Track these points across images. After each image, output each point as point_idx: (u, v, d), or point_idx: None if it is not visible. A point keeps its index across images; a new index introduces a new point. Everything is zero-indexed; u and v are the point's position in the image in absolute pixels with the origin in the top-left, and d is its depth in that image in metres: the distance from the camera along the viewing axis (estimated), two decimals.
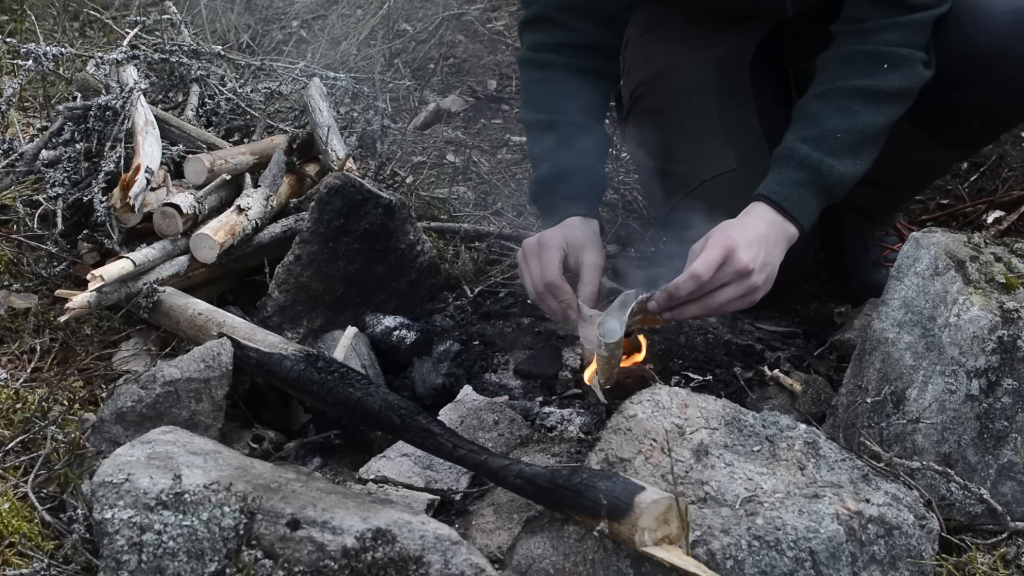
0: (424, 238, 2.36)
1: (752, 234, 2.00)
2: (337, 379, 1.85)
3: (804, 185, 2.07)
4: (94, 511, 1.53)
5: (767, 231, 2.02)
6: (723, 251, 1.97)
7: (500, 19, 4.08)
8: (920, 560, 1.60)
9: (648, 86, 2.50)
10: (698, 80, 2.41)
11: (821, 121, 2.10)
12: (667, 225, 2.45)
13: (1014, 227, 2.79)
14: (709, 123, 2.38)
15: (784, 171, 2.08)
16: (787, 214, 2.05)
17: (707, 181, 2.30)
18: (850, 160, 2.10)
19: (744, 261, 1.96)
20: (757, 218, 2.04)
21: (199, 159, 2.34)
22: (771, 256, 2.02)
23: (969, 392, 1.79)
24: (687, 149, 2.38)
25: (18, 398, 1.93)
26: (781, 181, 2.08)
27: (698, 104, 2.40)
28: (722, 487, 1.64)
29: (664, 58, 2.48)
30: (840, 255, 2.63)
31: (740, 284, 1.99)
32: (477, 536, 1.72)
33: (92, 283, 2.04)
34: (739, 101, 2.38)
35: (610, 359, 1.94)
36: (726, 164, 2.30)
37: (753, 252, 1.99)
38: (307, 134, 2.59)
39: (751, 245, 1.99)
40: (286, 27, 3.82)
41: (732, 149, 2.32)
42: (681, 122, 2.42)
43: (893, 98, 2.13)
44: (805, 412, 2.08)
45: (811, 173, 2.07)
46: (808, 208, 2.07)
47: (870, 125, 2.11)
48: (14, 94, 2.51)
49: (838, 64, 2.15)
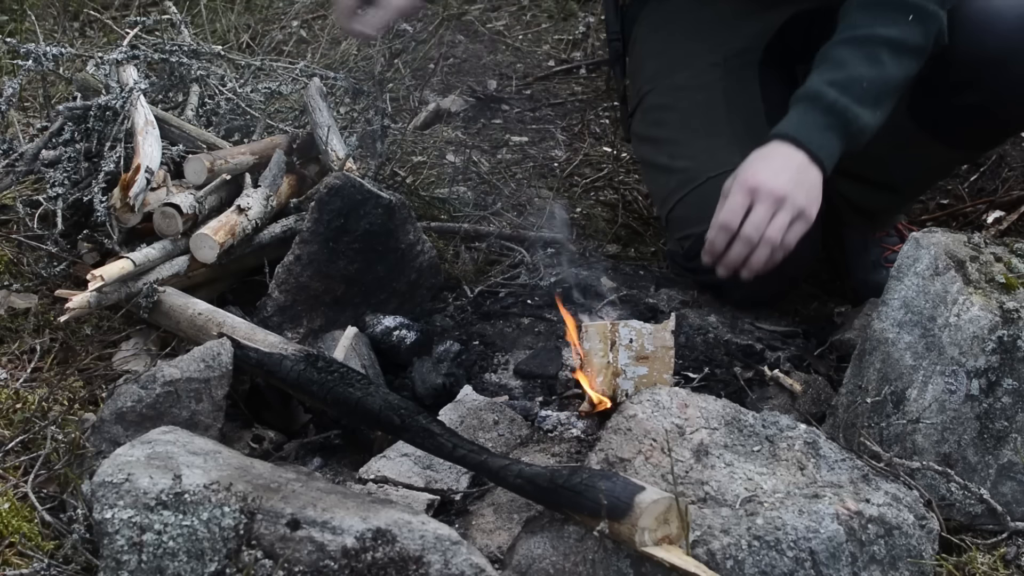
0: (424, 238, 2.36)
1: (776, 163, 1.97)
2: (337, 379, 1.85)
3: (830, 129, 2.03)
4: (94, 511, 1.53)
5: (791, 163, 1.99)
6: (747, 191, 1.94)
7: (500, 19, 4.08)
8: (920, 560, 1.60)
9: (655, 82, 2.50)
10: (706, 78, 2.41)
11: (848, 67, 2.06)
12: (669, 221, 2.45)
13: (1014, 227, 2.79)
14: (716, 120, 2.38)
15: (809, 113, 2.05)
16: (812, 155, 2.01)
17: (712, 177, 2.30)
18: (871, 111, 2.07)
19: (773, 187, 1.93)
20: (779, 153, 2.01)
21: (199, 159, 2.34)
22: (804, 177, 1.98)
23: (969, 392, 1.79)
24: (693, 145, 2.37)
25: (18, 398, 1.93)
26: (805, 123, 2.04)
27: (705, 102, 2.40)
28: (722, 487, 1.64)
29: (672, 56, 2.48)
30: (840, 255, 2.63)
31: (784, 210, 1.95)
32: (477, 536, 1.72)
33: (92, 283, 2.04)
34: (747, 100, 2.37)
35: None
36: (732, 161, 2.30)
37: (782, 177, 1.96)
38: (307, 134, 2.59)
39: (778, 172, 1.96)
40: (286, 27, 3.82)
41: (739, 147, 2.32)
42: (688, 119, 2.41)
43: (914, 53, 2.10)
44: (805, 412, 2.08)
45: (837, 118, 2.04)
46: (832, 152, 2.04)
47: (894, 78, 2.09)
48: (14, 94, 2.51)
49: (863, 11, 2.12)
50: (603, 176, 3.11)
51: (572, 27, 3.99)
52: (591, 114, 3.47)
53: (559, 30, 4.00)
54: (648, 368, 1.94)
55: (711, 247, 1.99)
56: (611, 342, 1.93)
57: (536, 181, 3.08)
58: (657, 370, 1.94)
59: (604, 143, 3.31)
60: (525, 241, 2.64)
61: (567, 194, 3.01)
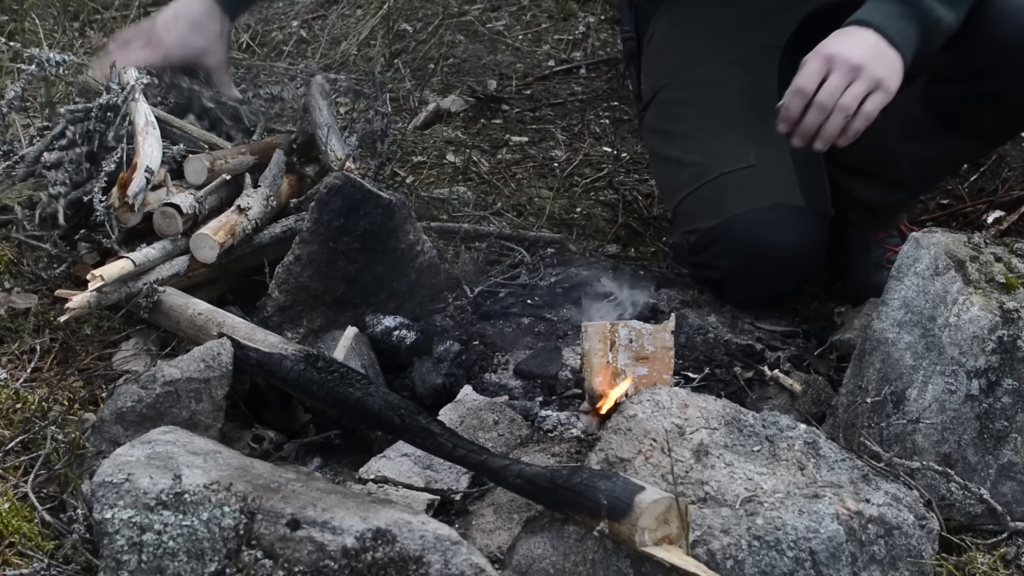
0: (424, 238, 2.36)
1: (854, 39, 1.97)
2: (337, 379, 1.85)
3: (906, 18, 2.02)
4: (94, 511, 1.53)
5: (869, 39, 1.98)
6: (823, 59, 1.93)
7: (500, 19, 4.08)
8: (920, 560, 1.60)
9: (671, 77, 2.49)
10: (724, 75, 2.40)
11: None
12: (676, 214, 2.44)
13: (1014, 227, 2.79)
14: (732, 117, 2.37)
15: (884, 4, 2.03)
16: (890, 40, 2.00)
17: (725, 174, 2.29)
18: (948, 7, 2.05)
19: (849, 55, 1.92)
20: (856, 32, 2.00)
21: (199, 159, 2.33)
22: (882, 51, 1.97)
23: (969, 392, 1.79)
24: (707, 141, 2.37)
25: (18, 398, 1.93)
26: (881, 11, 2.03)
27: (722, 98, 2.39)
28: (722, 487, 1.64)
29: (691, 52, 2.47)
30: (842, 255, 2.63)
31: (861, 80, 1.94)
32: (477, 536, 1.72)
33: (92, 283, 2.04)
34: (765, 98, 2.36)
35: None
36: (745, 160, 2.29)
37: (859, 49, 1.94)
38: (308, 134, 2.59)
39: (855, 45, 1.95)
40: (286, 27, 3.82)
41: (753, 146, 2.31)
42: (703, 114, 2.41)
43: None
44: (805, 412, 2.08)
45: (913, 9, 2.02)
46: (910, 40, 2.02)
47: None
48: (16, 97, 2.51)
49: None
50: (603, 176, 3.11)
51: (572, 27, 3.99)
52: (591, 114, 3.47)
53: (559, 30, 4.00)
54: (648, 368, 1.94)
55: (786, 113, 1.97)
56: (611, 342, 1.93)
57: (536, 181, 3.08)
58: (657, 370, 1.94)
59: (604, 143, 3.31)
60: (525, 241, 2.64)
61: (567, 194, 3.01)
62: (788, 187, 2.31)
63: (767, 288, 2.35)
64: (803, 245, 2.30)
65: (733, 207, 2.30)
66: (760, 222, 2.28)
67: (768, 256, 2.29)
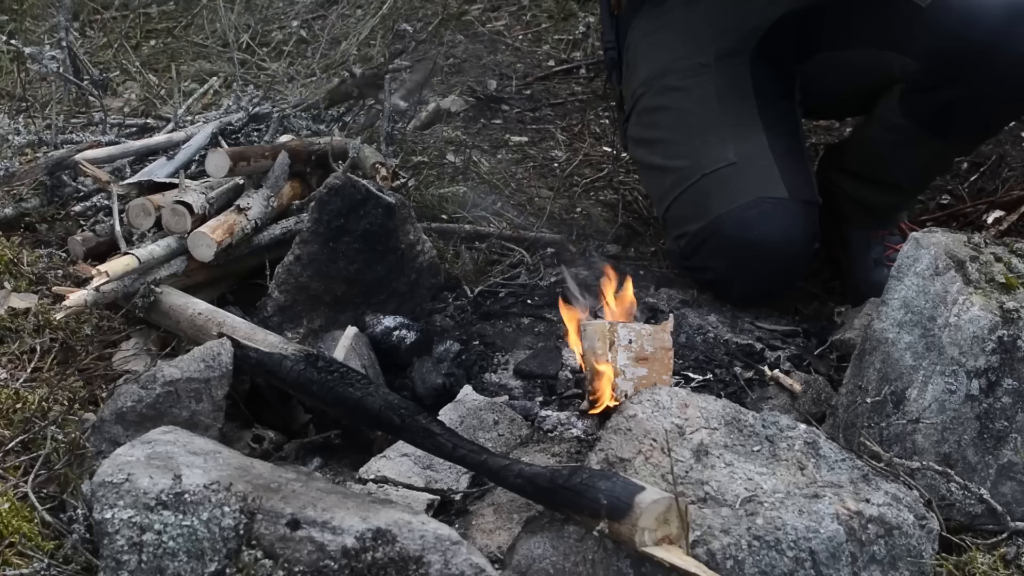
0: (424, 238, 2.36)
1: None
2: (337, 379, 1.85)
3: None
4: (94, 511, 1.53)
5: None
6: None
7: (500, 19, 4.07)
8: (920, 560, 1.60)
9: (648, 85, 2.51)
10: (698, 78, 2.42)
11: None
12: (666, 220, 2.45)
13: (1014, 227, 2.78)
14: (709, 119, 2.38)
15: None
16: None
17: (707, 174, 2.31)
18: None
19: None
20: None
21: (221, 153, 2.31)
22: None
23: (969, 392, 1.79)
24: (687, 144, 2.38)
25: (18, 398, 1.93)
26: None
27: (698, 101, 2.41)
28: (722, 487, 1.63)
29: (664, 58, 2.49)
30: (843, 254, 2.63)
31: None
32: (477, 536, 1.72)
33: (96, 279, 2.03)
34: (739, 96, 2.38)
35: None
36: (725, 158, 2.30)
37: None
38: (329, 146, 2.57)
39: None
40: (286, 27, 3.82)
41: (732, 143, 2.33)
42: (681, 118, 2.42)
43: None
44: (805, 412, 2.08)
45: None
46: None
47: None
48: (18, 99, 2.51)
49: None
50: (603, 176, 3.11)
51: (572, 27, 3.99)
52: (591, 114, 3.47)
53: (559, 30, 3.99)
54: (647, 369, 1.94)
55: None
56: (610, 342, 1.93)
57: (536, 181, 3.08)
58: (656, 371, 1.94)
59: (604, 143, 3.31)
60: (525, 241, 2.64)
61: (567, 194, 3.01)
62: (769, 180, 2.32)
63: (762, 284, 2.35)
64: (789, 236, 2.31)
65: (717, 207, 2.31)
66: (743, 219, 2.29)
67: (756, 252, 2.29)
